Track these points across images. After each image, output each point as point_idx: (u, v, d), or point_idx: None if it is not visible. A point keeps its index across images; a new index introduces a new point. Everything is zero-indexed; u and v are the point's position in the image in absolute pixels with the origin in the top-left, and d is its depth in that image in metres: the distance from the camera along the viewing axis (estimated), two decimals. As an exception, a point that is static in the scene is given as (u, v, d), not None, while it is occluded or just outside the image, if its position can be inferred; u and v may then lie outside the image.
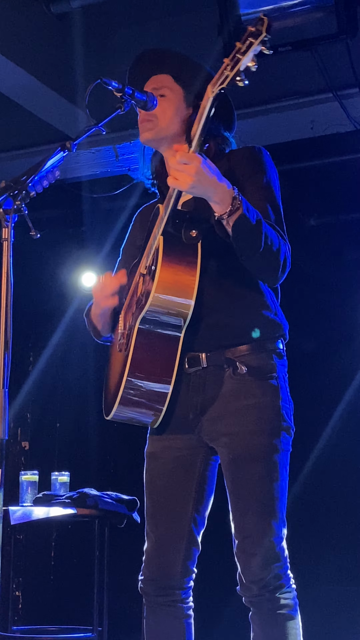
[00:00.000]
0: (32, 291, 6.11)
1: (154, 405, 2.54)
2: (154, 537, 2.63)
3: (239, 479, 2.52)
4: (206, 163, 2.34)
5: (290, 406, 2.61)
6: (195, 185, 2.33)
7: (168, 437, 2.62)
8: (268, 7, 4.32)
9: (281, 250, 2.47)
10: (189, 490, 2.61)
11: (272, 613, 2.47)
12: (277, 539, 2.49)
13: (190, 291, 2.45)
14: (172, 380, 2.51)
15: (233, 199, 2.36)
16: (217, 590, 4.13)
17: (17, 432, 6.38)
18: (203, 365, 2.56)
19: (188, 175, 2.31)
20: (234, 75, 2.24)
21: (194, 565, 2.63)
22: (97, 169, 5.59)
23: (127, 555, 3.54)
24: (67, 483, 5.15)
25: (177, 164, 2.33)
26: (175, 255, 2.45)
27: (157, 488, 2.64)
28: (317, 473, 5.27)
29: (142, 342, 2.50)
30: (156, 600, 2.61)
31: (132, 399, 2.53)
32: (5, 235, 2.18)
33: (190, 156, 2.33)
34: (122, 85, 2.50)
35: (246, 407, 2.52)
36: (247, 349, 2.56)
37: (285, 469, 2.55)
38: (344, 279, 5.53)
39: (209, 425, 2.57)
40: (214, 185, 2.35)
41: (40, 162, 2.32)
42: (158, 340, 2.50)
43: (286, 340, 2.67)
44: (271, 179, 2.64)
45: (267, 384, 2.55)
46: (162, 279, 2.43)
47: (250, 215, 2.38)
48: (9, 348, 2.13)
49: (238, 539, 2.51)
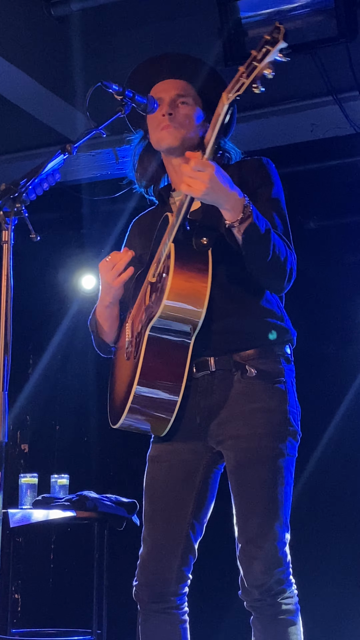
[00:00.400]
0: (32, 294, 6.12)
1: (162, 414, 2.54)
2: (150, 542, 2.62)
3: (244, 481, 2.51)
4: (219, 170, 2.36)
5: (298, 411, 2.61)
6: (209, 192, 2.34)
7: (173, 442, 2.61)
8: (269, 11, 4.33)
9: (288, 259, 2.50)
10: (190, 496, 2.60)
11: (274, 618, 2.47)
12: (280, 544, 2.48)
13: (202, 298, 2.45)
14: (181, 388, 2.51)
15: (244, 207, 2.38)
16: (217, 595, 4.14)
17: (16, 435, 6.38)
18: (211, 369, 2.56)
19: (202, 182, 2.32)
20: (250, 82, 2.26)
21: (190, 572, 2.62)
22: (97, 171, 5.59)
23: (126, 558, 3.53)
24: (66, 486, 5.14)
25: (191, 170, 2.33)
26: (187, 262, 2.46)
27: (157, 492, 2.63)
28: (318, 476, 5.26)
29: (152, 350, 2.50)
30: (151, 607, 2.59)
31: (141, 408, 2.53)
32: (5, 238, 2.18)
33: (204, 163, 2.34)
34: (122, 88, 2.49)
35: (254, 411, 2.52)
36: (255, 353, 2.56)
37: (290, 474, 2.55)
38: (343, 282, 5.53)
39: (216, 428, 2.56)
40: (226, 193, 2.37)
41: (41, 164, 2.32)
42: (168, 348, 2.50)
43: (294, 346, 2.67)
44: (279, 191, 2.66)
45: (275, 388, 2.56)
46: (174, 286, 2.43)
47: (260, 224, 2.40)
48: (8, 351, 2.12)
49: (241, 542, 2.51)
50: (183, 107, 2.67)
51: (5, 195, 2.20)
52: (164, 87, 2.70)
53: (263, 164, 2.69)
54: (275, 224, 2.55)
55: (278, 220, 2.59)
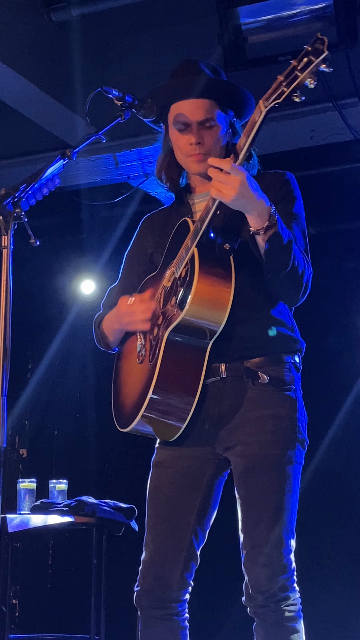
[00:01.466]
0: (31, 298, 6.12)
1: (175, 420, 2.54)
2: (152, 547, 2.61)
3: (252, 487, 2.52)
4: (249, 177, 2.37)
5: (305, 419, 2.63)
6: (238, 198, 2.35)
7: (180, 448, 2.61)
8: (269, 17, 4.34)
9: (305, 273, 2.54)
10: (194, 502, 2.60)
11: (277, 624, 2.47)
12: (286, 551, 2.49)
13: (225, 304, 2.46)
14: (197, 393, 2.51)
15: (270, 216, 2.40)
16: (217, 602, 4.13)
17: (15, 440, 6.38)
18: (222, 375, 2.57)
19: (232, 187, 2.33)
20: (291, 91, 2.28)
21: (191, 578, 2.62)
22: (96, 176, 5.59)
23: (124, 563, 3.53)
24: (65, 491, 5.14)
25: (223, 175, 2.34)
26: (210, 267, 2.47)
27: (161, 497, 2.63)
28: (319, 481, 5.26)
29: (170, 354, 2.50)
30: (152, 613, 2.59)
31: (155, 413, 2.53)
32: (5, 243, 2.18)
33: (237, 169, 2.35)
34: (122, 94, 2.50)
35: (264, 417, 2.53)
36: (265, 361, 2.57)
37: (297, 482, 2.55)
38: (343, 288, 5.53)
39: (225, 434, 2.56)
40: (255, 200, 2.38)
41: (40, 169, 2.32)
42: (186, 352, 2.51)
43: (302, 356, 2.69)
44: (301, 207, 2.69)
45: (286, 396, 2.57)
46: (198, 291, 2.44)
47: (283, 234, 2.42)
48: (8, 356, 2.13)
49: (246, 548, 2.51)
50: (210, 132, 2.64)
51: (5, 199, 2.20)
52: (189, 110, 2.63)
53: (287, 179, 2.71)
54: (296, 238, 2.57)
55: (299, 234, 2.61)
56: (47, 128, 5.04)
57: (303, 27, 4.35)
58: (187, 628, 2.62)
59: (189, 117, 2.63)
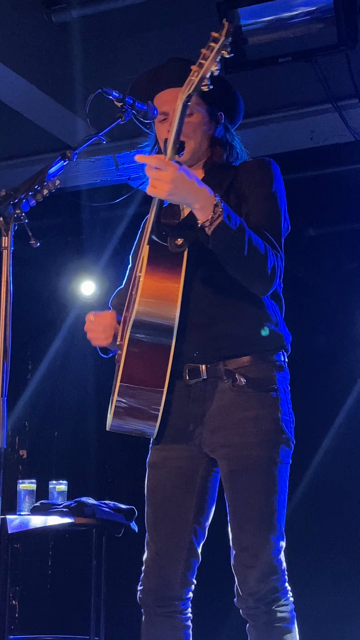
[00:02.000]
0: (31, 300, 6.12)
1: (148, 413, 2.53)
2: (154, 548, 2.62)
3: (238, 490, 2.51)
4: (183, 169, 2.33)
5: (291, 418, 2.60)
6: (173, 192, 2.32)
7: (169, 448, 2.61)
8: (269, 18, 4.34)
9: (268, 260, 2.45)
10: (191, 501, 2.60)
11: (269, 626, 2.46)
12: (275, 552, 2.48)
13: (174, 298, 2.44)
14: (164, 387, 2.49)
15: (215, 206, 2.36)
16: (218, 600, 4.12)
17: (15, 441, 6.37)
18: (203, 376, 2.56)
19: (165, 182, 2.31)
20: (198, 80, 2.28)
21: (194, 577, 2.62)
22: (96, 177, 5.59)
23: (124, 564, 3.53)
24: (65, 492, 5.14)
25: (154, 170, 2.32)
26: (160, 263, 2.45)
27: (158, 498, 2.63)
28: (315, 484, 5.26)
29: (133, 351, 2.49)
30: (155, 611, 2.59)
31: (126, 408, 2.53)
32: (5, 244, 2.18)
33: (165, 163, 2.32)
34: (122, 95, 2.49)
35: (245, 419, 2.52)
36: (247, 361, 2.55)
37: (284, 482, 2.54)
38: (343, 289, 5.54)
39: (209, 436, 2.56)
40: (194, 192, 2.34)
41: (41, 170, 2.32)
42: (148, 349, 2.48)
43: (288, 352, 2.66)
44: (277, 191, 2.63)
45: (267, 396, 2.55)
46: (145, 287, 2.43)
47: (231, 223, 2.37)
48: (8, 356, 2.13)
49: (236, 550, 2.51)
50: (188, 120, 2.62)
51: (5, 201, 2.21)
52: (165, 99, 2.67)
53: (263, 164, 2.68)
54: (265, 224, 2.53)
55: (268, 220, 2.56)
56: (47, 129, 5.04)
57: (303, 29, 4.36)
58: (190, 628, 2.62)
59: (166, 106, 2.64)
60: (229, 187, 2.64)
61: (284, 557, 2.51)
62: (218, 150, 2.72)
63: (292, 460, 2.59)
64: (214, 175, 2.68)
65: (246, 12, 4.34)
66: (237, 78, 4.30)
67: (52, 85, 4.75)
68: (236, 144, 2.76)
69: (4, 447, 2.11)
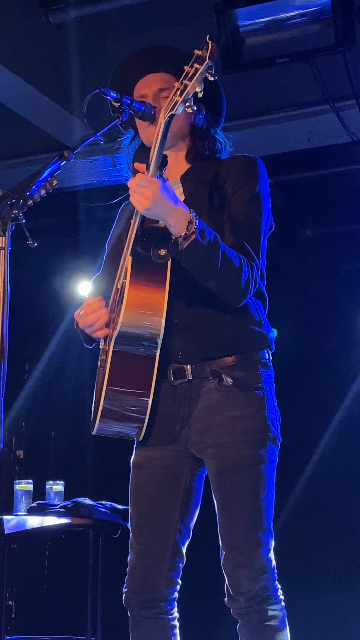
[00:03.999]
0: (28, 300, 6.11)
1: (135, 418, 2.54)
2: (138, 548, 2.62)
3: (226, 490, 2.51)
4: (165, 187, 2.35)
5: (277, 416, 2.61)
6: (151, 209, 2.35)
7: (155, 448, 2.62)
8: (266, 19, 4.34)
9: (242, 273, 2.47)
10: (175, 501, 2.61)
11: (260, 625, 2.47)
12: (265, 550, 2.48)
13: (159, 310, 2.45)
14: (150, 394, 2.51)
15: (189, 223, 2.38)
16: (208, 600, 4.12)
17: (12, 441, 6.37)
18: (188, 377, 2.56)
19: (145, 198, 2.33)
20: (182, 100, 2.27)
21: (179, 577, 2.62)
22: (94, 178, 5.59)
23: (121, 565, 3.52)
24: (61, 492, 5.14)
25: (137, 186, 2.34)
26: (144, 275, 2.46)
27: (142, 498, 2.63)
28: (311, 484, 5.26)
29: (118, 362, 2.50)
30: (140, 613, 2.59)
31: (113, 412, 2.53)
32: (3, 244, 2.18)
33: (149, 180, 2.34)
34: (120, 95, 2.50)
35: (232, 419, 2.52)
36: (232, 361, 2.56)
37: (272, 480, 2.55)
38: (339, 290, 5.54)
39: (196, 437, 2.57)
40: (170, 210, 2.36)
41: (38, 171, 2.32)
42: (133, 359, 2.50)
43: (272, 350, 2.67)
44: (261, 192, 2.64)
45: (253, 395, 2.56)
46: (130, 300, 2.43)
47: (204, 240, 2.38)
48: (4, 357, 2.13)
49: (225, 550, 2.51)
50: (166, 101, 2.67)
51: (3, 201, 2.21)
52: (145, 83, 2.72)
53: (248, 163, 2.68)
54: (243, 230, 2.54)
55: (247, 226, 2.57)
56: (44, 129, 5.04)
57: (301, 30, 4.35)
58: (176, 628, 2.62)
59: (145, 90, 2.69)
60: (213, 185, 2.65)
61: (273, 555, 2.51)
62: (199, 140, 2.73)
63: (288, 461, 2.60)
64: (198, 170, 2.70)
65: (243, 13, 4.33)
66: (234, 79, 4.30)
67: (50, 85, 4.75)
68: (219, 137, 2.77)
69: (1, 448, 2.11)
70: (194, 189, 2.65)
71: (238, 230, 2.53)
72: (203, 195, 2.62)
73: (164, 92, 2.67)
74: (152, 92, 2.69)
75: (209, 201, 2.61)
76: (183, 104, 2.28)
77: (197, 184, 2.64)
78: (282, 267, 2.53)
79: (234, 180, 2.62)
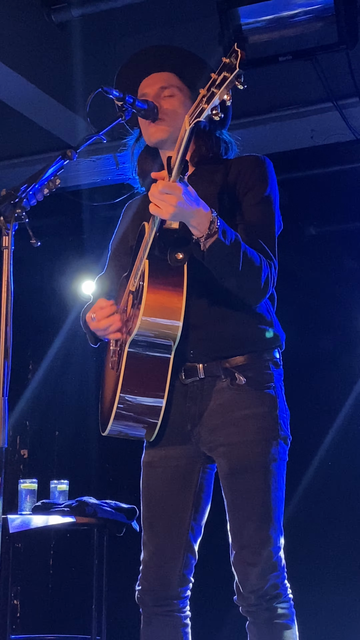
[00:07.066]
0: (31, 299, 6.12)
1: (148, 421, 2.55)
2: (151, 547, 2.63)
3: (238, 488, 2.52)
4: (187, 191, 2.35)
5: (287, 415, 2.62)
6: (176, 214, 2.34)
7: (165, 447, 2.62)
8: (269, 17, 4.34)
9: (262, 272, 2.48)
10: (187, 499, 2.61)
11: (269, 623, 2.47)
12: (275, 549, 2.49)
13: (177, 313, 2.45)
14: (164, 396, 2.52)
15: (210, 223, 2.37)
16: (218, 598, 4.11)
17: (16, 440, 6.37)
18: (200, 376, 2.57)
19: (170, 205, 2.32)
20: (209, 108, 2.24)
21: (191, 575, 2.63)
22: (97, 177, 5.59)
23: (126, 563, 3.52)
24: (66, 491, 5.14)
25: (159, 193, 2.33)
26: (161, 278, 2.46)
27: (155, 497, 2.64)
28: (316, 483, 5.26)
29: (133, 364, 2.51)
30: (153, 611, 2.61)
31: (126, 416, 2.54)
32: (6, 243, 2.18)
33: (172, 186, 2.33)
34: (123, 94, 2.50)
35: (244, 417, 2.53)
36: (244, 360, 2.57)
37: (282, 478, 2.56)
38: (343, 288, 5.53)
39: (207, 435, 2.57)
40: (193, 212, 2.36)
41: (41, 170, 2.32)
42: (148, 363, 2.51)
43: (282, 350, 2.67)
44: (271, 192, 2.65)
45: (265, 394, 2.56)
46: (148, 304, 2.43)
47: (226, 239, 2.39)
48: (8, 356, 2.13)
49: (235, 548, 2.51)
50: (168, 100, 2.68)
51: (6, 201, 2.21)
52: (147, 83, 2.73)
53: (258, 163, 2.68)
54: (258, 230, 2.56)
55: (262, 225, 2.59)
56: (47, 129, 5.05)
57: (303, 27, 4.35)
58: (188, 626, 2.63)
59: (147, 89, 2.70)
60: (223, 186, 2.65)
61: (283, 554, 2.52)
62: (203, 142, 2.73)
63: (293, 459, 2.60)
64: (205, 172, 2.70)
65: (246, 11, 4.33)
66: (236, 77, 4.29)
67: (53, 84, 4.75)
68: (224, 138, 2.77)
69: (5, 447, 2.11)
70: (202, 191, 2.65)
71: (253, 231, 2.54)
72: (213, 197, 2.62)
73: (165, 90, 2.69)
74: (153, 91, 2.70)
75: (219, 202, 2.62)
76: (210, 111, 2.25)
77: (206, 186, 2.64)
78: (286, 265, 2.53)
79: (244, 181, 2.63)
